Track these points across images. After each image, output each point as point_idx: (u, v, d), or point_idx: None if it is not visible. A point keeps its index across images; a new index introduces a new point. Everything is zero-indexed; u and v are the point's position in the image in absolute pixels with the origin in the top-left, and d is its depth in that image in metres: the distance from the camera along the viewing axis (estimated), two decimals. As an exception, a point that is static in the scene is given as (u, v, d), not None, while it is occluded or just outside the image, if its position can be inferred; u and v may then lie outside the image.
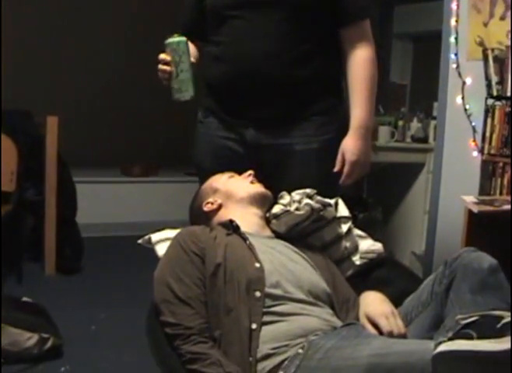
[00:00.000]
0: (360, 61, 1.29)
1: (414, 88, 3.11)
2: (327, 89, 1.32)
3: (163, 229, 1.24)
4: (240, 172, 1.26)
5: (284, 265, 1.05)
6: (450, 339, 0.82)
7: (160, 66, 1.26)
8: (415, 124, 2.74)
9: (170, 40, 1.22)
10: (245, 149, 1.33)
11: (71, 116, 3.13)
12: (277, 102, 1.29)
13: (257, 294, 0.96)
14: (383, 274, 1.22)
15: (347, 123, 1.32)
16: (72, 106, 3.26)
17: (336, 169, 1.29)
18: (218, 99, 1.34)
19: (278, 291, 0.99)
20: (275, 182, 1.28)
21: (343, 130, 1.32)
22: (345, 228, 1.24)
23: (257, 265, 1.00)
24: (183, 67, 1.22)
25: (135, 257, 2.18)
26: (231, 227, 1.11)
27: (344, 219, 1.25)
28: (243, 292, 0.96)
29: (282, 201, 1.25)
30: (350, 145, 1.28)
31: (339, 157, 1.29)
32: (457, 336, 0.83)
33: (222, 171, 1.27)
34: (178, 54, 1.22)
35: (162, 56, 1.25)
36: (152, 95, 3.23)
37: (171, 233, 1.19)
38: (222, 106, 1.35)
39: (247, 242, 1.06)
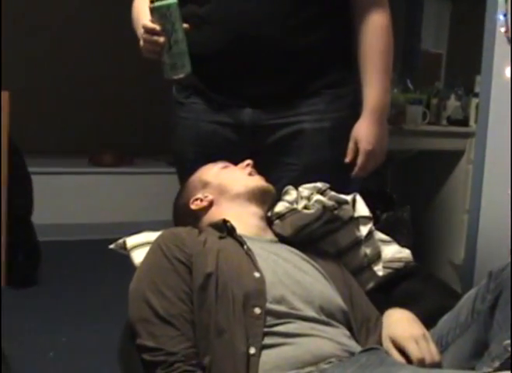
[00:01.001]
0: (374, 29, 1.32)
1: (451, 58, 3.10)
2: (337, 59, 1.36)
3: (140, 232, 1.25)
4: (235, 163, 1.28)
5: (290, 275, 1.06)
6: (497, 369, 0.82)
7: (149, 37, 1.21)
8: (452, 103, 2.74)
9: (158, 3, 1.17)
10: (240, 135, 1.35)
11: (29, 92, 3.11)
12: (280, 74, 1.30)
13: (257, 310, 0.96)
14: (411, 288, 1.23)
15: (359, 100, 1.36)
16: (29, 80, 3.26)
17: (348, 160, 1.33)
18: (203, 74, 1.33)
19: (282, 307, 0.99)
20: (279, 173, 1.31)
21: (356, 108, 1.36)
22: (364, 230, 1.25)
23: (257, 275, 1.01)
24: (177, 37, 1.19)
25: (106, 266, 2.20)
26: (225, 228, 1.12)
27: (363, 220, 1.26)
28: (239, 309, 0.96)
29: (287, 198, 1.26)
30: (364, 131, 1.32)
31: (351, 145, 1.33)
32: (505, 366, 0.83)
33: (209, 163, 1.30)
34: (170, 20, 1.18)
35: (149, 24, 1.21)
36: (126, 72, 3.32)
37: (150, 236, 1.20)
38: (209, 83, 1.36)
39: (245, 246, 1.07)
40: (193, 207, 1.23)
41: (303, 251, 1.16)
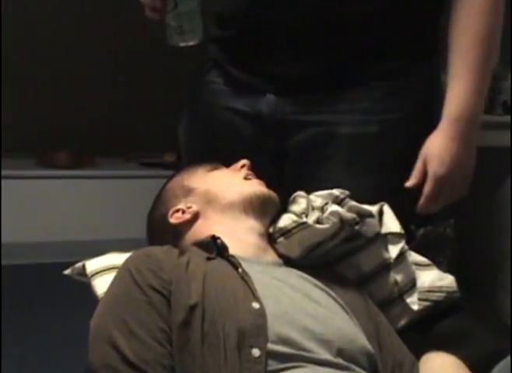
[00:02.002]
0: (475, 6, 1.25)
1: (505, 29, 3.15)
2: (408, 39, 1.34)
3: (104, 253, 1.27)
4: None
5: (299, 306, 1.06)
6: None
7: None
8: (509, 84, 2.74)
9: None
10: (254, 128, 1.40)
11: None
12: (321, 51, 1.32)
13: (255, 352, 0.94)
14: (456, 326, 1.23)
15: (435, 103, 1.32)
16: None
17: (410, 184, 1.29)
18: (224, 42, 1.41)
19: (288, 349, 0.98)
20: (302, 187, 1.32)
21: (431, 113, 1.33)
22: (394, 251, 1.26)
23: (256, 306, 1.00)
24: None
25: (60, 297, 2.31)
26: (214, 247, 1.14)
27: (393, 237, 1.26)
28: (232, 350, 0.95)
29: (294, 208, 1.27)
30: (437, 148, 1.28)
31: (419, 165, 1.29)
32: None
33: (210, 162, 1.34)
34: None
35: None
36: (84, 48, 3.41)
37: (117, 259, 1.21)
38: (231, 54, 1.41)
39: (240, 270, 1.08)
40: (173, 220, 1.24)
41: (316, 276, 1.17)
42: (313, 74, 1.34)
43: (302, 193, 1.30)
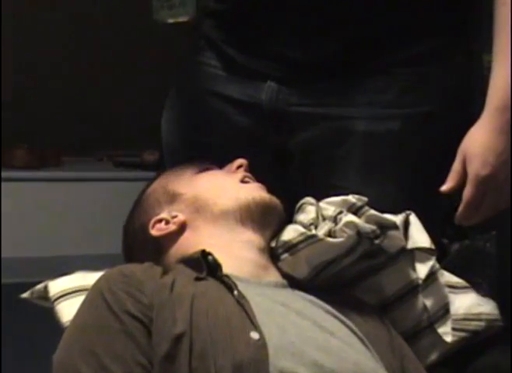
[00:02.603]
0: None
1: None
2: (440, 16, 1.32)
3: (71, 272, 1.26)
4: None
5: (307, 337, 1.04)
6: None
7: None
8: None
9: None
10: (252, 122, 1.39)
11: None
12: (336, 29, 1.30)
13: (254, 391, 0.99)
14: (498, 362, 1.22)
15: (475, 93, 1.33)
16: None
17: (446, 188, 1.27)
18: (221, 18, 1.40)
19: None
20: (312, 194, 1.31)
21: (463, 106, 1.33)
22: (423, 270, 1.24)
23: (255, 336, 0.99)
24: None
25: (19, 323, 2.30)
26: (204, 264, 1.13)
27: (422, 253, 1.25)
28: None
29: (301, 218, 1.27)
30: (481, 145, 1.25)
31: (456, 165, 1.27)
32: None
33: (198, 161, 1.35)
34: None
35: None
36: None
37: (87, 279, 1.21)
38: (228, 31, 1.40)
39: (235, 292, 1.07)
40: (154, 232, 1.24)
41: (328, 301, 1.16)
42: (325, 58, 1.32)
43: (310, 199, 1.29)
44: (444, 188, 1.26)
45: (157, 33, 2.93)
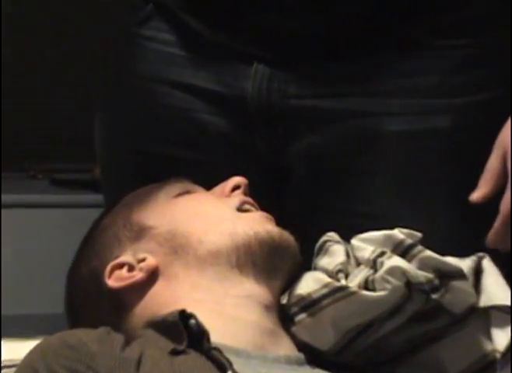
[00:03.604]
0: None
1: None
2: None
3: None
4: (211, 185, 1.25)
5: None
6: None
7: None
8: None
9: None
10: (231, 122, 1.32)
11: None
12: None
13: None
14: None
15: None
16: None
17: (477, 196, 1.22)
18: None
19: None
20: (322, 220, 1.29)
21: None
22: (503, 339, 1.16)
23: None
24: None
25: None
26: (184, 331, 1.05)
27: (501, 314, 1.17)
28: None
29: (324, 262, 1.19)
30: None
31: (493, 163, 1.23)
32: None
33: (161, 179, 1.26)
34: None
35: None
36: None
37: (15, 350, 1.18)
38: None
39: (229, 372, 0.99)
40: (112, 283, 1.16)
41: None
42: (336, 27, 1.25)
43: (335, 235, 1.20)
44: (476, 196, 1.22)
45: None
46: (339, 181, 1.30)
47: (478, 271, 1.19)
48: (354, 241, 1.20)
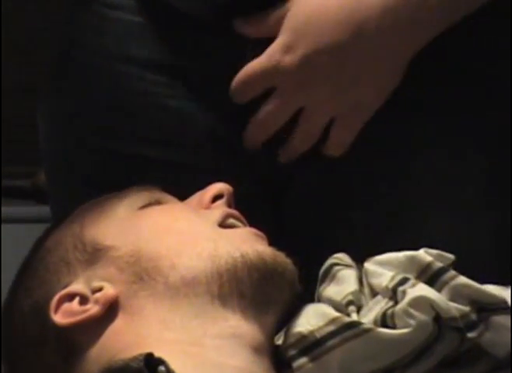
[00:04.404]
0: None
1: None
2: None
3: None
4: (189, 192, 1.23)
5: None
6: None
7: None
8: None
9: None
10: (217, 114, 1.30)
11: None
12: None
13: None
14: None
15: None
16: None
17: None
18: None
19: None
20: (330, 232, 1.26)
21: None
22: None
23: None
24: None
25: None
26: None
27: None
28: None
29: (331, 291, 1.17)
30: None
31: None
32: None
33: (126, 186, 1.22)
34: None
35: None
36: None
37: None
38: None
39: None
40: (60, 318, 1.10)
41: None
42: None
43: (345, 257, 1.18)
44: None
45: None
46: (356, 186, 1.31)
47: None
48: (368, 265, 1.17)
